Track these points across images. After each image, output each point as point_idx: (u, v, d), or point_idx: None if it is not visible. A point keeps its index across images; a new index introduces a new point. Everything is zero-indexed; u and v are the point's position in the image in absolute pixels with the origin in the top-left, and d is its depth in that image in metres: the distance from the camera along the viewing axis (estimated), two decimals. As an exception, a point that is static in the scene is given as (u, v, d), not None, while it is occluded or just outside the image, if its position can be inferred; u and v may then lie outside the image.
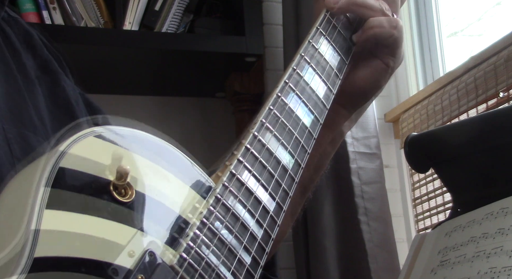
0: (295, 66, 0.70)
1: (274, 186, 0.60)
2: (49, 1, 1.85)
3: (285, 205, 0.61)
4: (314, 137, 0.68)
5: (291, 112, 0.66)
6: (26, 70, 0.78)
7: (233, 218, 0.55)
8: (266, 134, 0.62)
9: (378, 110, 1.91)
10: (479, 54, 1.54)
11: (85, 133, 0.49)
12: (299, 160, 0.64)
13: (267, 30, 2.02)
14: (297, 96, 0.68)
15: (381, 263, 1.64)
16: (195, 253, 0.51)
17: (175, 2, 1.96)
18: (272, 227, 0.59)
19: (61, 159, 0.47)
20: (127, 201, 0.48)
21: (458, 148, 0.73)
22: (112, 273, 0.46)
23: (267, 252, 0.58)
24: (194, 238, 0.51)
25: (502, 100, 1.46)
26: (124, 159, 0.50)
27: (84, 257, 0.45)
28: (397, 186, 1.93)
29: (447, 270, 0.64)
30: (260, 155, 0.60)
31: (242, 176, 0.58)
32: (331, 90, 0.72)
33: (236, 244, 0.54)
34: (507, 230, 0.61)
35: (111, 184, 0.48)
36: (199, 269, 0.50)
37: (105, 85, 2.06)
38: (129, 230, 0.48)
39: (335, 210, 1.73)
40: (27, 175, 0.48)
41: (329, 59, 0.74)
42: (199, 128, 2.15)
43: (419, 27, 1.98)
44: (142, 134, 0.53)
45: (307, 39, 0.73)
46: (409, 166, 0.88)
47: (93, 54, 1.88)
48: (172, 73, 2.04)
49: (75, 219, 0.46)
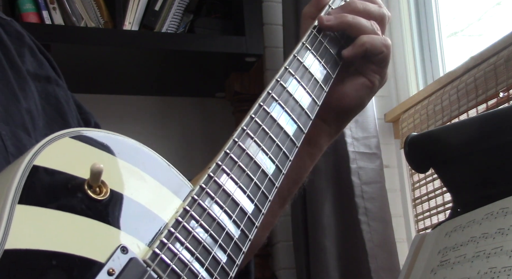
0: (279, 78, 0.73)
1: (252, 189, 0.62)
2: (49, 1, 1.85)
3: (264, 208, 0.62)
4: (297, 145, 0.70)
5: (273, 121, 0.68)
6: (18, 68, 0.78)
7: (209, 217, 0.56)
8: (247, 140, 0.64)
9: (378, 110, 1.91)
10: (479, 54, 1.54)
11: (60, 134, 0.50)
12: (280, 166, 0.66)
13: (267, 30, 2.02)
14: (280, 106, 0.70)
15: (381, 263, 1.64)
16: (168, 249, 0.52)
17: (175, 2, 1.96)
18: (250, 228, 0.60)
19: (35, 157, 0.47)
20: (102, 198, 0.49)
21: (458, 148, 0.73)
22: (84, 266, 0.46)
23: (244, 252, 0.59)
24: (168, 235, 0.53)
25: (502, 100, 1.46)
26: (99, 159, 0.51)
27: (55, 250, 0.45)
28: (397, 186, 1.93)
29: (447, 270, 0.64)
30: (239, 159, 0.62)
31: (220, 178, 0.59)
32: (315, 102, 0.75)
33: (211, 242, 0.56)
34: (507, 230, 0.61)
35: (85, 182, 0.49)
36: (171, 264, 0.51)
37: (105, 85, 2.06)
38: (103, 225, 0.49)
39: (335, 210, 1.73)
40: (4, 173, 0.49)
41: (314, 72, 0.76)
42: (199, 128, 2.15)
43: (419, 27, 1.98)
44: (117, 136, 0.54)
45: (292, 53, 0.76)
46: (409, 166, 0.88)
47: (93, 54, 1.88)
48: (172, 73, 2.04)
49: (47, 214, 0.46)
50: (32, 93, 0.78)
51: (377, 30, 0.80)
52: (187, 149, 2.10)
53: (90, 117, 0.88)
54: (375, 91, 0.84)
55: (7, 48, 0.79)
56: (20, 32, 0.83)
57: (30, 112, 0.76)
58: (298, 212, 1.78)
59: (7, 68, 0.77)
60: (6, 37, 0.80)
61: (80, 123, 0.85)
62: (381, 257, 1.65)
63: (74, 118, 0.83)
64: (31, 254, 0.44)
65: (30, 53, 0.83)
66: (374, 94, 0.85)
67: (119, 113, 2.09)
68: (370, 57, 0.80)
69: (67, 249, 0.46)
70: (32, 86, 0.79)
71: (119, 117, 2.09)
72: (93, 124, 0.87)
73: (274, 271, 1.92)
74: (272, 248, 1.94)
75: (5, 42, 0.80)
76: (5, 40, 0.80)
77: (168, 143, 2.08)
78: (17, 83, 0.77)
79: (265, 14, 2.03)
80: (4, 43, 0.79)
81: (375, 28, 0.80)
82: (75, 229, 0.47)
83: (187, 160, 2.05)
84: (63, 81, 0.87)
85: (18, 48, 0.81)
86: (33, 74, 0.81)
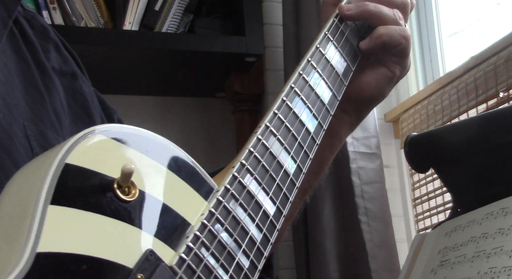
0: (302, 71, 0.70)
1: (275, 190, 0.60)
2: (49, 1, 1.85)
3: (285, 210, 0.61)
4: (317, 143, 0.68)
5: (295, 117, 0.66)
6: (43, 66, 0.77)
7: (234, 221, 0.55)
8: (270, 138, 0.62)
9: (378, 110, 1.91)
10: (479, 54, 1.54)
11: (91, 131, 0.49)
12: (301, 165, 0.65)
13: (267, 30, 2.02)
14: (302, 101, 0.68)
15: (381, 263, 1.64)
16: (194, 255, 0.51)
17: (175, 2, 1.96)
18: (271, 231, 0.59)
19: (67, 155, 0.47)
20: (130, 199, 0.48)
21: (458, 148, 0.73)
22: (112, 271, 0.46)
23: (266, 257, 0.58)
24: (194, 240, 0.51)
25: (502, 100, 1.46)
26: (129, 157, 0.50)
27: (85, 254, 0.45)
28: (397, 186, 1.93)
29: (447, 270, 0.64)
30: (263, 159, 0.60)
31: (244, 179, 0.58)
32: (336, 96, 0.72)
33: (235, 247, 0.54)
34: (507, 230, 0.61)
35: (115, 182, 0.48)
36: (197, 271, 0.51)
37: (105, 85, 2.05)
38: (131, 228, 0.48)
39: (335, 210, 1.73)
40: (33, 169, 0.48)
41: (335, 65, 0.74)
42: (199, 128, 2.15)
43: (419, 27, 1.98)
44: (148, 134, 0.52)
45: (315, 44, 0.73)
46: (409, 166, 0.88)
47: (93, 54, 1.88)
48: (172, 73, 2.04)
49: (78, 216, 0.46)
50: (57, 90, 0.77)
51: (399, 19, 0.78)
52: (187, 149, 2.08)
53: (112, 114, 0.86)
54: (397, 81, 0.82)
55: (32, 45, 0.77)
56: (45, 27, 0.81)
57: (55, 111, 0.75)
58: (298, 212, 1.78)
59: (33, 66, 0.75)
60: (31, 31, 0.79)
61: (104, 120, 0.83)
62: (381, 257, 1.65)
63: (98, 116, 0.82)
64: (62, 258, 0.44)
65: (55, 49, 0.81)
66: (396, 84, 0.82)
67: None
68: (389, 49, 0.78)
69: (97, 253, 0.45)
70: (58, 83, 0.78)
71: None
72: (116, 120, 0.86)
73: (274, 271, 1.92)
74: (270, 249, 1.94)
75: (30, 37, 0.78)
76: (30, 35, 0.78)
77: (168, 143, 2.07)
78: (42, 81, 0.75)
79: (265, 14, 2.03)
80: (29, 39, 0.78)
81: (398, 17, 0.78)
82: (105, 231, 0.46)
83: (187, 160, 2.04)
84: (87, 77, 0.85)
85: (43, 44, 0.79)
86: (59, 71, 0.79)
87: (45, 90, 0.75)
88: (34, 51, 0.77)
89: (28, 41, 0.77)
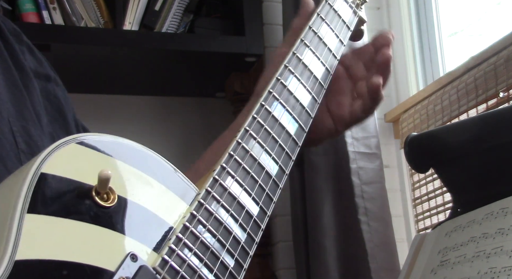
0: (279, 76, 0.72)
1: (257, 191, 0.62)
2: (49, 1, 1.85)
3: (269, 210, 0.62)
4: (299, 145, 0.70)
5: (275, 121, 0.68)
6: (22, 66, 0.78)
7: (216, 222, 0.56)
8: (250, 141, 0.64)
9: (378, 110, 1.90)
10: (479, 54, 1.54)
11: (66, 140, 0.49)
12: (283, 166, 0.66)
13: (267, 30, 2.02)
14: (281, 105, 0.70)
15: (381, 263, 1.64)
16: (177, 256, 0.52)
17: (175, 2, 1.96)
18: (256, 231, 0.60)
19: (43, 164, 0.47)
20: (110, 205, 0.49)
21: (458, 148, 0.73)
22: (94, 275, 0.46)
23: (251, 255, 0.59)
24: (176, 241, 0.52)
25: (502, 100, 1.46)
26: (106, 165, 0.50)
27: (66, 260, 0.45)
28: (397, 186, 1.93)
29: (447, 270, 0.64)
30: (244, 161, 0.62)
31: (225, 181, 0.59)
32: (315, 99, 0.74)
33: (219, 247, 0.55)
34: (507, 230, 0.61)
35: (93, 189, 0.48)
36: (181, 271, 0.51)
37: (105, 85, 2.06)
38: (111, 233, 0.48)
39: (335, 210, 1.73)
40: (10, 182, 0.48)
41: (313, 69, 0.76)
42: (199, 128, 2.15)
43: (419, 27, 1.97)
44: (123, 141, 0.53)
45: (291, 51, 0.75)
46: (409, 166, 0.88)
47: (93, 54, 1.88)
48: (172, 73, 2.04)
49: (56, 223, 0.46)
50: (35, 90, 0.78)
51: None
52: (187, 149, 2.09)
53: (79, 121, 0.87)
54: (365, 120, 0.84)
55: (11, 45, 0.79)
56: (17, 30, 0.83)
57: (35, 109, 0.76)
58: (298, 212, 1.78)
59: (12, 66, 0.76)
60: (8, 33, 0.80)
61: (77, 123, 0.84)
62: (381, 257, 1.65)
63: (72, 119, 0.83)
64: (42, 264, 0.44)
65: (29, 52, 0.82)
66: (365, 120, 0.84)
67: (119, 113, 2.09)
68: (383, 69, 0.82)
69: (77, 258, 0.45)
70: (35, 83, 0.79)
71: (119, 117, 2.09)
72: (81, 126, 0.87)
73: (274, 271, 1.92)
74: (272, 248, 1.94)
75: (8, 39, 0.79)
76: (8, 37, 0.79)
77: (168, 143, 2.08)
78: (22, 81, 0.76)
79: (265, 14, 2.03)
80: (7, 40, 0.79)
81: None
82: (85, 237, 0.47)
83: (187, 160, 2.04)
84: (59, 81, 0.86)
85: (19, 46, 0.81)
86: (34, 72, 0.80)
87: (25, 89, 0.76)
88: (13, 52, 0.78)
89: (7, 42, 0.79)
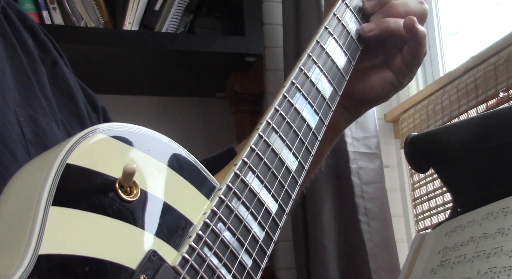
0: (302, 66, 0.68)
1: (277, 187, 0.60)
2: (49, 1, 1.85)
3: (287, 208, 0.61)
4: (318, 139, 0.67)
5: (297, 113, 0.65)
6: (29, 50, 0.76)
7: (236, 220, 0.55)
8: (272, 135, 0.61)
9: (378, 110, 1.91)
10: (479, 54, 1.54)
11: (92, 130, 0.48)
12: (302, 162, 0.64)
13: (267, 30, 2.02)
14: (304, 97, 0.67)
15: (381, 263, 1.64)
16: (197, 255, 0.50)
17: (175, 2, 1.96)
18: (274, 229, 0.58)
19: (69, 155, 0.46)
20: (132, 199, 0.48)
21: (458, 147, 0.73)
22: (115, 272, 0.45)
23: (268, 255, 0.57)
24: (197, 239, 0.51)
25: (502, 100, 1.46)
26: (130, 157, 0.50)
27: (88, 256, 0.44)
28: (397, 186, 1.93)
29: (447, 270, 0.64)
30: (265, 156, 0.60)
31: (246, 177, 0.57)
32: (336, 91, 0.71)
33: (238, 246, 0.54)
34: (507, 230, 0.61)
35: (116, 181, 0.47)
36: (200, 271, 0.50)
37: (105, 85, 2.06)
38: (133, 229, 0.48)
39: (335, 210, 1.73)
40: (34, 170, 0.48)
41: (336, 59, 0.73)
42: (199, 128, 2.15)
43: (419, 27, 1.97)
44: (149, 132, 0.52)
45: (315, 39, 0.72)
46: (409, 166, 0.88)
47: (93, 54, 1.88)
48: (172, 73, 2.04)
49: (80, 216, 0.45)
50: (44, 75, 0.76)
51: None
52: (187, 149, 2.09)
53: (96, 100, 0.85)
54: (400, 90, 0.83)
55: (17, 29, 0.76)
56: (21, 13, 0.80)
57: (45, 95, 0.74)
58: (298, 212, 1.78)
59: (19, 50, 0.74)
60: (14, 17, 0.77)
61: (87, 107, 0.82)
62: (381, 257, 1.65)
63: (82, 102, 0.81)
64: (65, 260, 0.43)
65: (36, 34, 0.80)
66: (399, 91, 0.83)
67: (119, 113, 2.09)
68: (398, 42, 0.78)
69: (99, 255, 0.45)
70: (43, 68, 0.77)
71: (119, 117, 2.08)
72: (100, 107, 0.85)
73: (274, 271, 1.92)
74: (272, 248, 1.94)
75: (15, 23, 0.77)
76: (14, 20, 0.77)
77: (168, 143, 2.07)
78: (30, 66, 0.75)
79: (265, 14, 2.03)
80: (14, 24, 0.76)
81: None
82: (107, 232, 0.46)
83: (187, 160, 2.04)
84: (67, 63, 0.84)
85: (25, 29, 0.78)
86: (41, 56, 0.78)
87: (33, 74, 0.74)
88: (19, 36, 0.76)
89: (13, 26, 0.76)
